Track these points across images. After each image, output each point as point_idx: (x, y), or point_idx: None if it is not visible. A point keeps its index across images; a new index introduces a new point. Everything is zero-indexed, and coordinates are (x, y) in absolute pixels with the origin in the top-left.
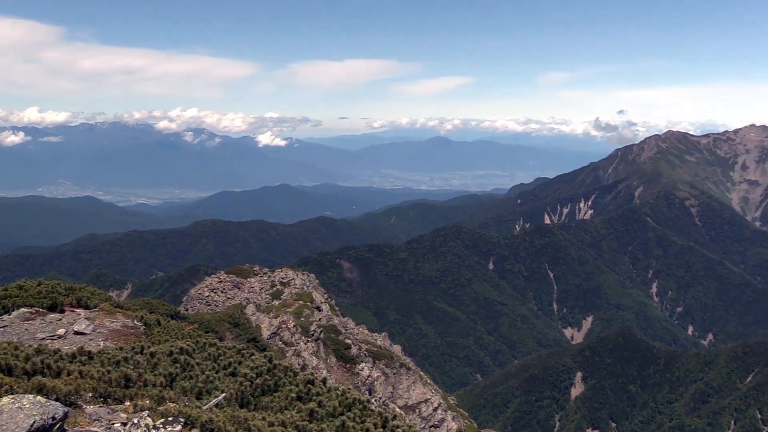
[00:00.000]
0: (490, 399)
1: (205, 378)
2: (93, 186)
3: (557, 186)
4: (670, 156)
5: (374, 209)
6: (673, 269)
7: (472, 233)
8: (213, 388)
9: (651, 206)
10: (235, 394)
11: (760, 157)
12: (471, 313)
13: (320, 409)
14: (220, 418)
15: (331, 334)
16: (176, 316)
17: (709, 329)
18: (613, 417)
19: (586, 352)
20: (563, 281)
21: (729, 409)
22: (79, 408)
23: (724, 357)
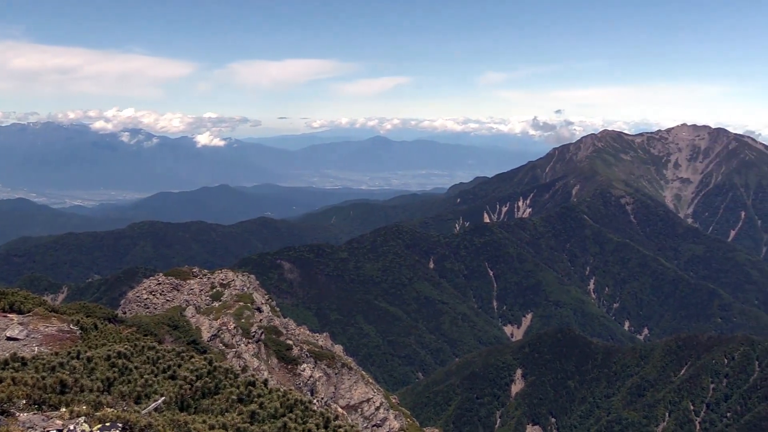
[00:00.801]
0: (431, 397)
1: (144, 382)
2: (25, 188)
3: (496, 185)
4: (606, 155)
5: (314, 209)
6: (609, 266)
7: (412, 232)
8: (152, 392)
9: (588, 204)
10: (175, 398)
11: (692, 155)
12: (412, 312)
13: (261, 410)
14: (159, 422)
15: (272, 335)
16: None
17: (644, 324)
18: (553, 412)
19: (525, 349)
20: (503, 279)
21: (664, 402)
22: (11, 416)
23: (658, 351)
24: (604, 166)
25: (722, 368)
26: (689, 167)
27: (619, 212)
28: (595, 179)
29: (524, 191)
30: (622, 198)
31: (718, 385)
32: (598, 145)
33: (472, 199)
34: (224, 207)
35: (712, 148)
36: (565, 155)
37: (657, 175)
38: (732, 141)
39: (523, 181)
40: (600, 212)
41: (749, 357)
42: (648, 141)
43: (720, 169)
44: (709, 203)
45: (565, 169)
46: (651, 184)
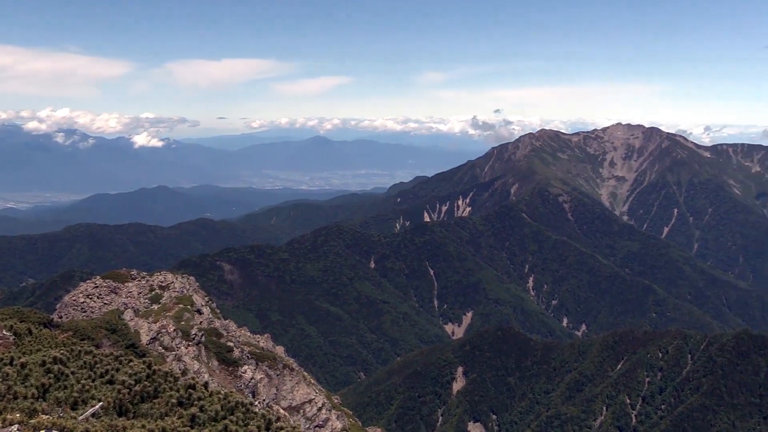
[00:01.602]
0: (373, 397)
1: (81, 387)
2: None
3: (436, 184)
4: (544, 154)
5: (254, 210)
6: (548, 263)
7: (353, 232)
8: (89, 398)
9: (526, 203)
10: (113, 403)
11: (627, 154)
12: (353, 312)
13: (202, 413)
14: (96, 428)
15: (212, 337)
16: (49, 324)
17: (582, 320)
18: (494, 409)
19: (466, 347)
20: (443, 278)
21: (601, 396)
22: None
23: (596, 346)
24: (542, 165)
25: (657, 362)
26: (624, 166)
27: (557, 210)
28: (534, 178)
29: (464, 190)
30: (559, 196)
31: (653, 378)
32: (536, 145)
33: (412, 199)
34: (163, 208)
35: (646, 147)
36: (504, 154)
37: (593, 173)
38: (665, 140)
39: (463, 180)
40: (538, 211)
41: (682, 350)
42: (584, 140)
43: (654, 168)
44: (644, 201)
45: (504, 168)
46: (588, 182)
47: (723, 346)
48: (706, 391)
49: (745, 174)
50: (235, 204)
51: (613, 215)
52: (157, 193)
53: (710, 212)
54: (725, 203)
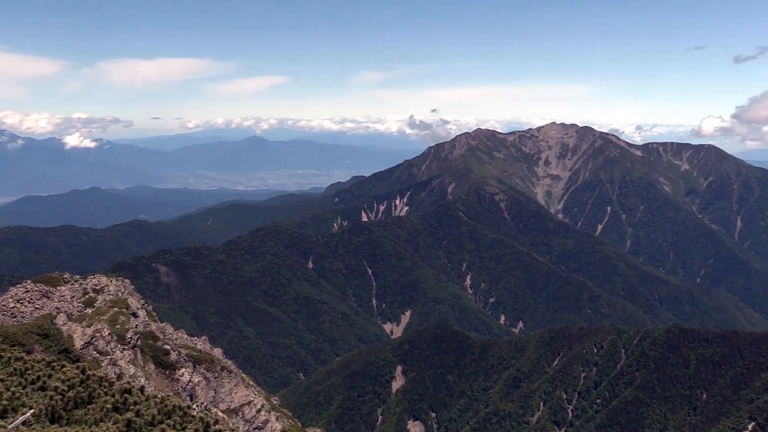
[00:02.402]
0: (313, 397)
1: (11, 395)
2: None
3: (373, 184)
4: (480, 153)
5: (190, 211)
6: (485, 262)
7: (290, 233)
8: (20, 405)
9: (463, 202)
10: (45, 410)
11: (561, 153)
12: (292, 312)
13: (138, 418)
14: None
15: (148, 340)
16: None
17: (519, 317)
18: (433, 407)
19: (405, 346)
20: (381, 277)
21: (539, 392)
22: None
23: (533, 343)
24: (478, 164)
25: (592, 357)
26: (559, 164)
27: (494, 209)
28: (470, 177)
29: (401, 190)
30: (496, 195)
31: (588, 373)
32: (472, 144)
33: (349, 199)
34: (96, 210)
35: (580, 146)
36: (441, 154)
37: (529, 172)
38: (598, 139)
39: (400, 179)
40: (475, 209)
41: (616, 345)
42: (520, 139)
43: (587, 166)
44: (578, 199)
45: (441, 167)
46: (523, 181)
47: (655, 341)
48: (639, 385)
49: (675, 172)
50: (170, 205)
51: (549, 213)
52: (90, 194)
53: (642, 209)
54: (656, 201)
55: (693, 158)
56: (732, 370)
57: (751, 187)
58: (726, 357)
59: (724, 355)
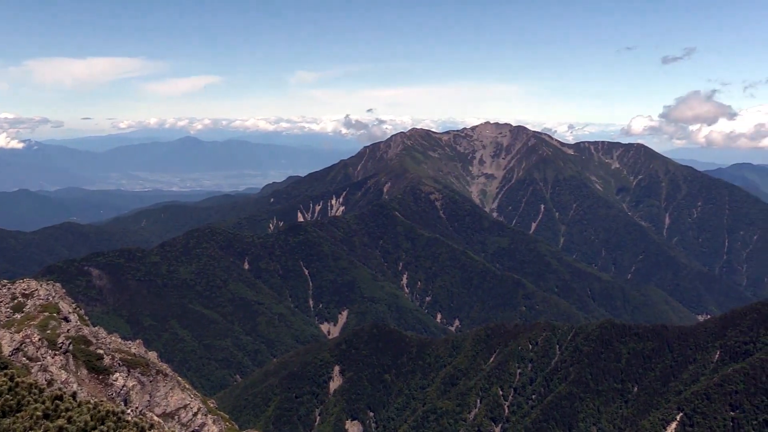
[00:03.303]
0: (250, 399)
1: None
2: None
3: (309, 184)
4: (415, 152)
5: (123, 213)
6: (421, 261)
7: (226, 234)
8: None
9: (399, 201)
10: None
11: (495, 152)
12: (228, 314)
13: (70, 425)
14: None
15: (81, 345)
16: None
17: (455, 316)
18: (371, 406)
19: (342, 346)
20: (318, 278)
21: (475, 389)
22: None
23: (469, 341)
24: (414, 163)
25: (527, 354)
26: (493, 163)
27: (429, 208)
28: (406, 176)
29: (337, 190)
30: (431, 194)
31: (524, 369)
32: (407, 143)
33: (285, 199)
34: (24, 213)
35: (514, 145)
36: (376, 153)
37: (463, 171)
38: (531, 138)
39: (336, 179)
40: (411, 209)
41: (551, 342)
42: (454, 139)
43: (521, 165)
44: (512, 197)
45: (377, 167)
46: (458, 180)
47: (588, 336)
48: (573, 380)
49: (606, 170)
50: (102, 207)
51: (484, 212)
52: (18, 196)
53: (574, 207)
54: (588, 199)
55: (623, 157)
56: (661, 363)
57: (678, 184)
58: (656, 350)
59: (653, 348)
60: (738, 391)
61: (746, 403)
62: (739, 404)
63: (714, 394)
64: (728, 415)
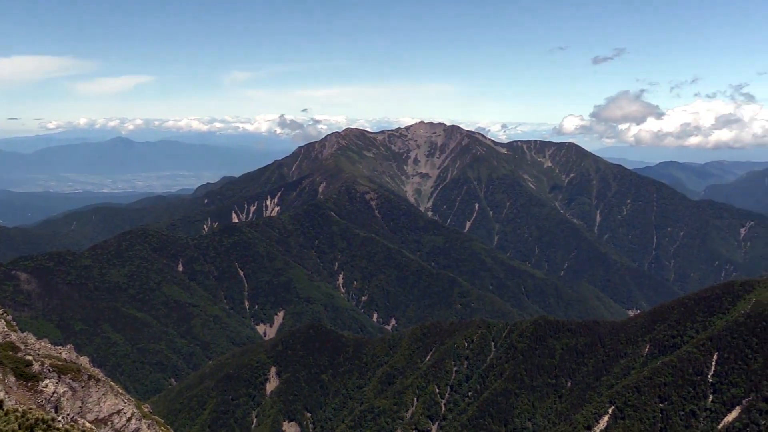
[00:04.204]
0: (185, 402)
1: None
2: None
3: (244, 184)
4: (350, 152)
5: (53, 215)
6: (357, 260)
7: (159, 235)
8: None
9: (334, 201)
10: None
11: (430, 151)
12: (162, 317)
13: None
14: None
15: (8, 351)
16: None
17: (391, 315)
18: (308, 407)
19: (279, 347)
20: (253, 279)
21: (412, 388)
22: None
23: (406, 340)
24: (349, 163)
25: (463, 351)
26: (428, 163)
27: (365, 208)
28: (341, 176)
29: (272, 190)
30: (366, 194)
31: (460, 367)
32: (342, 143)
33: (219, 200)
34: None
35: (448, 145)
36: (311, 153)
37: (398, 170)
38: (465, 137)
39: (271, 179)
40: (346, 208)
41: (486, 339)
42: (389, 138)
43: (455, 164)
44: (447, 196)
45: (312, 167)
46: (393, 179)
47: (522, 333)
48: (508, 376)
49: (539, 169)
50: (30, 209)
51: (419, 211)
52: None
53: (508, 206)
54: (521, 197)
55: (555, 155)
56: (594, 358)
57: (608, 182)
58: (588, 346)
59: (586, 344)
60: (666, 384)
61: (674, 394)
62: (667, 396)
63: (644, 387)
64: (657, 407)
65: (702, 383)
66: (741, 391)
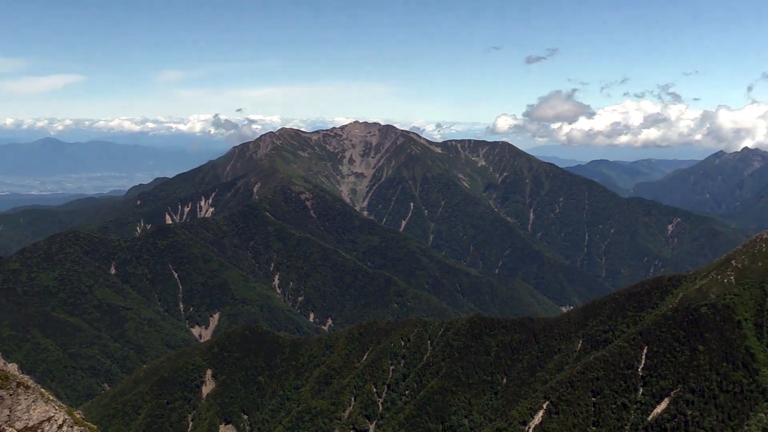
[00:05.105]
0: (119, 408)
1: None
2: None
3: (177, 185)
4: (285, 152)
5: None
6: (293, 261)
7: (90, 238)
8: None
9: (269, 201)
10: None
11: (365, 151)
12: (94, 321)
13: None
14: None
15: None
16: None
17: (328, 315)
18: (245, 409)
19: (214, 349)
20: (188, 280)
21: (349, 387)
22: None
23: (342, 340)
24: (284, 163)
25: (400, 350)
26: (363, 162)
27: (300, 208)
28: (276, 176)
29: (206, 191)
30: (301, 194)
31: (396, 366)
32: (276, 143)
33: (153, 201)
34: None
35: (383, 144)
36: (246, 154)
37: (333, 170)
38: (400, 137)
39: (205, 180)
40: (281, 209)
41: (422, 337)
42: (324, 138)
43: (390, 164)
44: (382, 196)
45: (246, 167)
46: (328, 179)
47: (458, 331)
48: (444, 374)
49: (473, 168)
50: None
51: (354, 211)
52: None
53: (443, 205)
54: (456, 196)
55: (489, 155)
56: (528, 355)
57: (541, 181)
58: (523, 342)
59: (521, 340)
60: (599, 378)
61: (606, 388)
62: (600, 390)
63: (577, 382)
64: (590, 401)
65: (632, 376)
66: (669, 383)
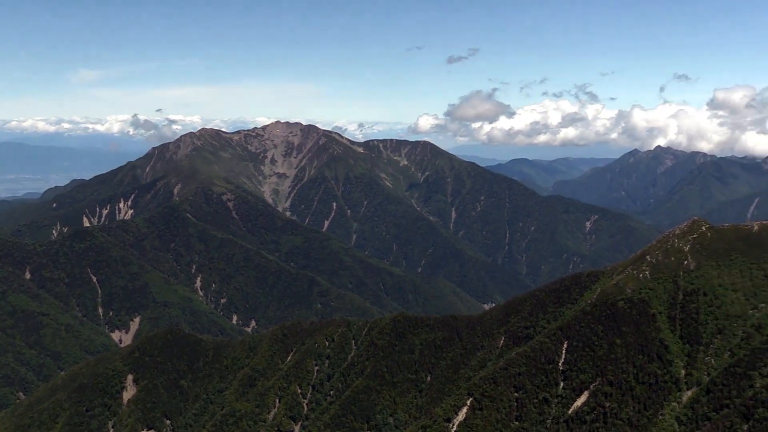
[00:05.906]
0: (36, 417)
1: None
2: None
3: (95, 187)
4: (206, 153)
5: None
6: (215, 263)
7: (4, 242)
8: None
9: (190, 203)
10: None
11: (287, 151)
12: (8, 328)
13: None
14: None
15: None
16: None
17: (251, 316)
18: (168, 414)
19: (135, 354)
20: (107, 284)
21: (274, 389)
22: None
23: (266, 341)
24: (205, 164)
25: (324, 350)
26: (285, 162)
27: (222, 209)
28: (196, 177)
29: (125, 192)
30: (223, 195)
31: (321, 366)
32: (197, 144)
33: (69, 203)
34: None
35: (305, 144)
36: (165, 154)
37: (255, 171)
38: (322, 137)
39: (124, 182)
40: (203, 210)
41: (347, 337)
42: (245, 138)
43: (312, 164)
44: (305, 196)
45: (166, 168)
46: (250, 180)
47: (382, 330)
48: (369, 373)
49: (395, 167)
50: None
51: (277, 211)
52: None
53: (365, 205)
54: (378, 195)
55: (411, 154)
56: (452, 352)
57: (462, 180)
58: (446, 340)
59: (444, 338)
60: (521, 373)
61: (528, 383)
62: (522, 385)
63: (500, 378)
64: (513, 396)
65: (553, 371)
66: (588, 377)
